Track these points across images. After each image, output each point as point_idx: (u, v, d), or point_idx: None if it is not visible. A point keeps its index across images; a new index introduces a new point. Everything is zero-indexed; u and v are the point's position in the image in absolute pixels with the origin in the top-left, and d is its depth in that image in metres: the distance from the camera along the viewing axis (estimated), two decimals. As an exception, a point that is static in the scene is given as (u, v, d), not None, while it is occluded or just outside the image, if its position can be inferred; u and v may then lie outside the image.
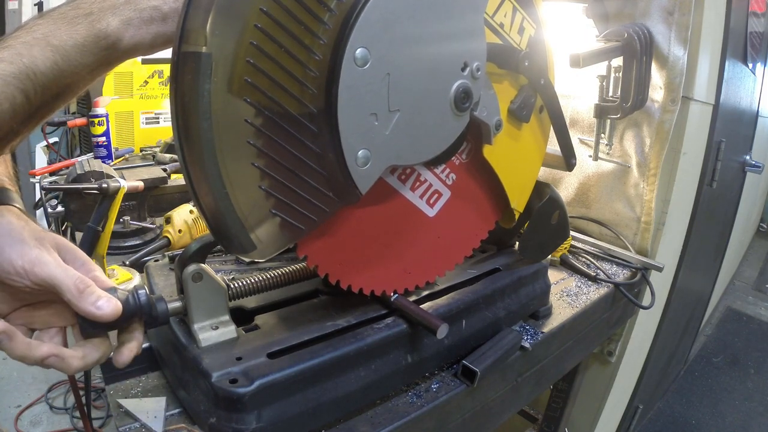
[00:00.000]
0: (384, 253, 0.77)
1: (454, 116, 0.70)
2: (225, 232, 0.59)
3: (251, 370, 0.64)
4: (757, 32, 1.89)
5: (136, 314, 0.60)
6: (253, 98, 0.55)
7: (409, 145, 0.67)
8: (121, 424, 0.69)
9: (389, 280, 0.79)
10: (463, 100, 0.69)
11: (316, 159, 0.61)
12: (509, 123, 0.83)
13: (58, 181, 1.55)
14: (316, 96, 0.58)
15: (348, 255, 0.73)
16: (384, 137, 0.63)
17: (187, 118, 0.54)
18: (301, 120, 0.58)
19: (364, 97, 0.59)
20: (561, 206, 0.99)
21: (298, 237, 0.64)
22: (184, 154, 0.56)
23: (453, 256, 0.87)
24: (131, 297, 0.59)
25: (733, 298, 3.61)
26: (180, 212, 1.23)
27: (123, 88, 2.13)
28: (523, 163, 0.90)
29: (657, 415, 2.37)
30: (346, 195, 0.64)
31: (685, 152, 1.32)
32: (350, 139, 0.60)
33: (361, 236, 0.73)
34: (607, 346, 1.47)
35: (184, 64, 0.53)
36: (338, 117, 0.58)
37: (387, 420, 0.74)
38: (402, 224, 0.78)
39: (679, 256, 1.54)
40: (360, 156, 0.62)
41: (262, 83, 0.55)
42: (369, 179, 0.64)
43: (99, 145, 1.83)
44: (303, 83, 0.57)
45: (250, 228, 0.60)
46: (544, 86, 0.84)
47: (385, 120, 0.62)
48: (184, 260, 0.69)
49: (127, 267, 1.10)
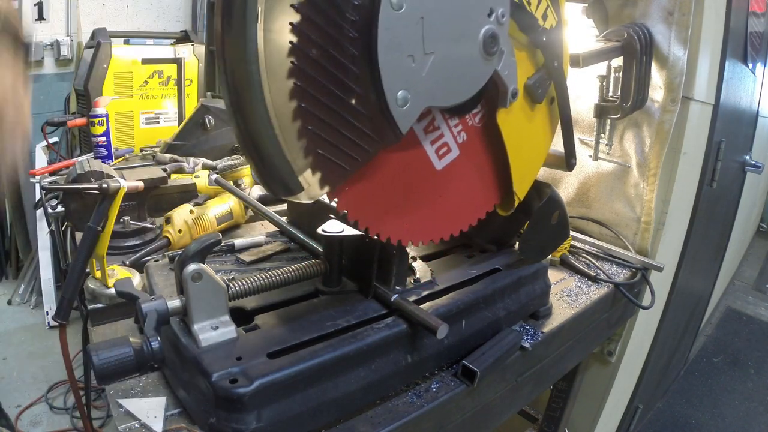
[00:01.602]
0: (405, 203, 0.78)
1: (483, 60, 0.74)
2: (274, 175, 0.63)
3: (251, 370, 0.64)
4: (757, 32, 1.88)
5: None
6: (297, 42, 0.57)
7: (443, 87, 0.70)
8: (121, 424, 0.69)
9: (408, 231, 0.80)
10: (491, 44, 0.73)
11: (359, 100, 0.64)
12: (523, 100, 0.85)
13: (58, 181, 1.55)
14: (356, 39, 0.61)
15: (377, 203, 0.74)
16: (421, 78, 0.66)
17: (236, 63, 0.57)
18: (344, 62, 0.61)
19: (401, 40, 0.63)
20: (561, 206, 0.99)
21: (343, 178, 0.66)
22: (232, 100, 0.58)
23: (458, 220, 0.86)
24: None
25: (733, 298, 3.61)
26: (180, 212, 1.23)
27: (123, 88, 2.13)
28: (530, 148, 0.91)
29: (657, 415, 2.37)
30: (387, 135, 0.67)
31: (685, 152, 1.32)
32: (390, 79, 0.63)
33: (388, 184, 0.75)
34: (607, 346, 1.47)
35: (230, 9, 0.55)
36: (378, 58, 0.61)
37: (387, 420, 0.74)
38: (418, 175, 0.79)
39: (679, 256, 1.54)
40: (400, 96, 0.65)
41: (305, 27, 0.57)
42: (409, 119, 0.67)
43: (99, 145, 1.83)
44: (344, 26, 0.59)
45: (299, 170, 0.63)
46: (557, 70, 0.86)
47: (421, 62, 0.66)
48: (184, 260, 0.69)
49: (127, 267, 1.10)
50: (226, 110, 0.61)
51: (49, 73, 3.27)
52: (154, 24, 3.57)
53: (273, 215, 1.14)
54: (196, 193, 1.41)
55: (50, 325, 2.92)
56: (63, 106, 3.15)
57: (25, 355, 2.71)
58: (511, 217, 1.00)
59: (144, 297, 0.68)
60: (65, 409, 2.35)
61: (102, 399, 2.24)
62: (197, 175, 1.50)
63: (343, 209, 0.70)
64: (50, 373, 2.55)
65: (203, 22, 3.59)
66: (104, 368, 0.61)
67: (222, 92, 0.60)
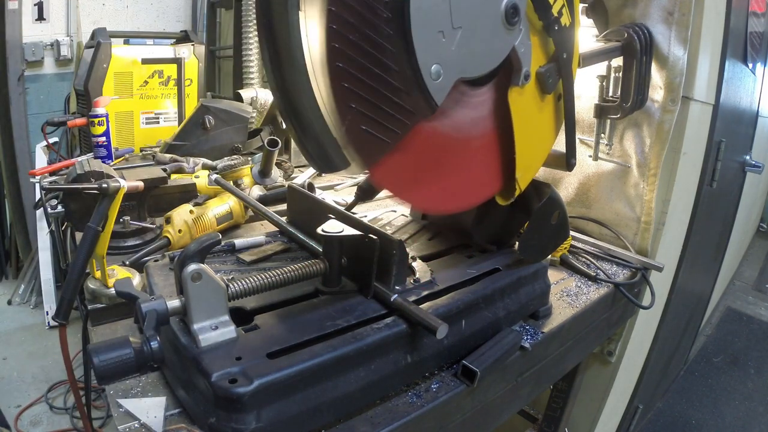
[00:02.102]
0: (427, 174, 0.81)
1: (506, 30, 0.78)
2: (322, 152, 0.67)
3: (251, 370, 0.64)
4: (757, 32, 1.89)
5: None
6: (337, 25, 0.61)
7: (471, 59, 0.75)
8: (121, 424, 0.69)
9: (427, 199, 0.84)
10: (512, 15, 0.77)
11: (396, 76, 0.68)
12: (534, 86, 0.87)
13: (58, 181, 1.55)
14: (390, 20, 0.65)
15: (407, 173, 0.77)
16: (451, 52, 0.71)
17: (280, 47, 0.61)
18: (380, 41, 0.65)
19: (431, 16, 0.67)
20: (561, 206, 0.99)
21: (385, 151, 0.70)
22: (278, 83, 0.63)
23: (468, 195, 0.89)
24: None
25: (733, 298, 3.61)
26: (180, 212, 1.23)
27: (123, 88, 2.13)
28: (535, 139, 0.92)
29: (657, 415, 2.37)
30: (423, 108, 0.71)
31: (685, 152, 1.32)
32: (424, 54, 0.68)
33: (419, 156, 0.77)
34: (607, 346, 1.47)
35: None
36: (412, 36, 0.66)
37: (387, 420, 0.74)
38: (441, 147, 0.81)
39: (679, 256, 1.54)
40: (433, 71, 0.69)
41: (344, 12, 0.61)
42: (443, 91, 0.72)
43: (99, 145, 1.83)
44: (377, 8, 0.63)
45: (345, 146, 0.67)
46: (566, 64, 0.89)
47: (450, 36, 0.70)
48: (183, 260, 0.68)
49: (127, 267, 1.10)
50: (272, 97, 0.65)
51: (49, 73, 3.28)
52: (154, 24, 3.57)
53: (273, 215, 1.14)
54: (196, 193, 1.41)
55: (50, 325, 2.92)
56: (63, 106, 3.16)
57: (25, 355, 2.71)
58: (511, 217, 1.00)
59: (144, 297, 0.68)
60: (65, 409, 2.36)
61: (102, 399, 2.25)
62: (197, 175, 1.50)
63: (378, 181, 0.74)
64: (50, 373, 2.55)
65: (203, 22, 3.59)
66: (104, 368, 0.61)
67: (268, 79, 0.65)
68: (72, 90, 2.66)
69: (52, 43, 3.21)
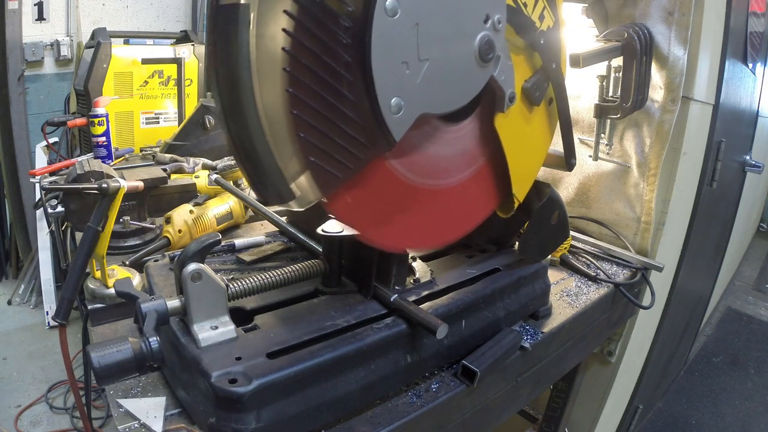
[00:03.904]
0: (401, 209, 0.77)
1: (479, 67, 0.73)
2: (264, 182, 0.61)
3: (250, 370, 0.64)
4: (757, 32, 1.88)
5: None
6: (290, 47, 0.57)
7: (438, 94, 0.69)
8: (120, 424, 0.69)
9: (403, 237, 0.79)
10: (487, 51, 0.72)
11: (352, 107, 0.63)
12: (521, 103, 0.85)
13: (58, 181, 1.55)
14: (350, 46, 0.60)
15: (371, 209, 0.73)
16: (415, 86, 0.66)
17: (227, 69, 0.56)
18: (337, 69, 0.60)
19: (395, 47, 0.62)
20: (561, 206, 0.99)
21: (335, 186, 0.65)
22: (224, 106, 0.58)
23: (457, 226, 0.86)
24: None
25: (733, 298, 3.61)
26: (180, 212, 1.23)
27: (123, 88, 2.13)
28: (529, 150, 0.91)
29: (657, 415, 2.37)
30: (380, 143, 0.66)
31: (685, 152, 1.32)
32: (384, 87, 0.62)
33: (384, 190, 0.74)
34: (607, 346, 1.47)
35: (223, 16, 0.55)
36: (372, 65, 0.61)
37: (387, 420, 0.74)
38: (408, 186, 0.77)
39: (679, 256, 1.54)
40: (393, 104, 0.64)
41: (298, 33, 0.57)
42: (402, 127, 0.66)
43: (99, 145, 1.83)
44: (337, 33, 0.59)
45: (290, 177, 0.62)
46: (555, 72, 0.86)
47: (415, 69, 0.65)
48: (183, 260, 0.68)
49: (127, 267, 1.10)
50: (216, 116, 0.61)
51: (49, 73, 3.28)
52: (154, 24, 3.57)
53: (273, 215, 1.14)
54: (196, 193, 1.41)
55: (50, 325, 2.92)
56: (63, 106, 3.16)
57: (25, 355, 2.71)
58: (511, 217, 1.00)
59: (143, 297, 0.68)
60: (65, 409, 2.35)
61: (102, 399, 2.24)
62: (197, 175, 1.50)
63: (337, 215, 0.69)
64: (50, 373, 2.55)
65: (203, 22, 3.59)
66: (104, 368, 0.61)
67: (213, 97, 0.60)
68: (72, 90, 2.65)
69: (52, 43, 3.21)
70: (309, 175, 0.63)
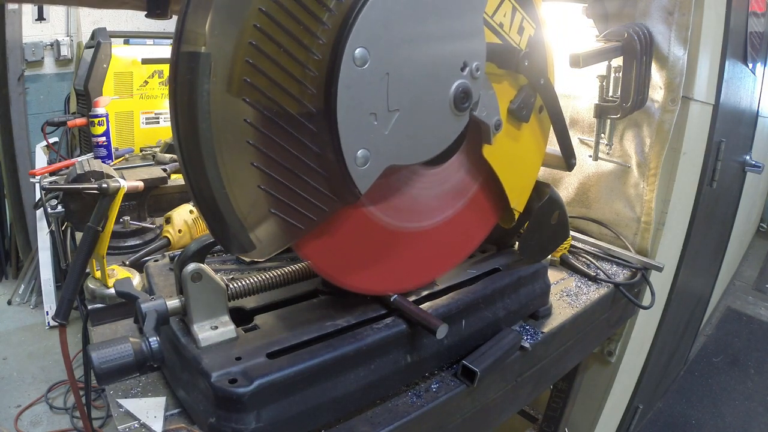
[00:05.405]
0: (382, 253, 0.77)
1: (454, 116, 0.70)
2: (225, 231, 0.59)
3: (250, 370, 0.64)
4: (757, 32, 1.88)
5: None
6: (252, 98, 0.55)
7: (408, 145, 0.66)
8: (120, 424, 0.69)
9: (387, 281, 0.79)
10: (462, 100, 0.69)
11: (316, 159, 0.61)
12: (509, 123, 0.83)
13: (58, 181, 1.55)
14: (315, 96, 0.58)
15: (345, 254, 0.72)
16: (383, 137, 0.63)
17: (186, 118, 0.54)
18: (301, 120, 0.58)
19: (363, 97, 0.59)
20: (561, 206, 0.99)
21: (298, 237, 0.64)
22: (183, 154, 0.56)
23: (452, 257, 0.87)
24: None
25: (733, 298, 3.61)
26: (180, 212, 1.23)
27: (123, 88, 2.13)
28: (523, 164, 0.90)
29: (657, 415, 2.37)
30: (346, 195, 0.64)
31: (685, 152, 1.32)
32: (349, 138, 0.60)
33: (358, 236, 0.73)
34: (607, 346, 1.47)
35: (183, 63, 0.52)
36: (337, 117, 0.58)
37: (387, 420, 0.74)
38: (391, 232, 0.76)
39: (679, 256, 1.54)
40: (359, 156, 0.61)
41: (261, 83, 0.55)
42: (368, 179, 0.64)
43: (99, 145, 1.83)
44: (302, 83, 0.57)
45: (250, 227, 0.60)
46: (543, 86, 0.84)
47: (384, 120, 0.62)
48: (183, 260, 0.69)
49: (127, 267, 1.10)
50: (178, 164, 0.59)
51: (49, 73, 3.28)
52: (154, 24, 3.56)
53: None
54: (196, 193, 1.40)
55: (50, 325, 2.92)
56: (63, 106, 3.16)
57: (25, 355, 2.71)
58: (511, 217, 1.00)
59: (143, 297, 0.68)
60: (65, 409, 2.36)
61: (102, 399, 2.25)
62: (197, 175, 1.49)
63: (309, 260, 0.68)
64: (50, 373, 2.55)
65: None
66: (104, 368, 0.61)
67: (174, 147, 0.58)
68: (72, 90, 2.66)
69: (52, 43, 3.21)
70: (272, 225, 0.61)
